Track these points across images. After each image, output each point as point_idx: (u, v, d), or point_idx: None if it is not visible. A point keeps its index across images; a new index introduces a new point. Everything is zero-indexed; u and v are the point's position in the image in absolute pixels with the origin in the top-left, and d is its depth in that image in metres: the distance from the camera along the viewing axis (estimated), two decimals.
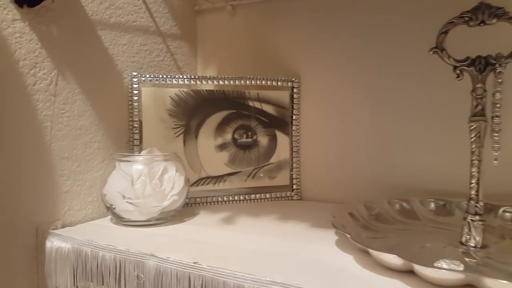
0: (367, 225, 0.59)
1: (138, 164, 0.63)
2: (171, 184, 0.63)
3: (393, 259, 0.44)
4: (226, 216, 0.68)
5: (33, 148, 0.57)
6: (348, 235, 0.49)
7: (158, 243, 0.54)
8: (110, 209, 0.62)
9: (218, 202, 0.77)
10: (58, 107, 0.60)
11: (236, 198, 0.78)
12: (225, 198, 0.77)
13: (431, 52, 0.52)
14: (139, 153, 0.69)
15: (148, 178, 0.62)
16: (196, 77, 0.76)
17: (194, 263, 0.47)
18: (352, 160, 0.77)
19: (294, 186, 0.81)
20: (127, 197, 0.61)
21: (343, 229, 0.51)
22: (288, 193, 0.81)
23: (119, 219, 0.62)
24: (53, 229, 0.59)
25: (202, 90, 0.77)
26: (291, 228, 0.61)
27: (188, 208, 0.74)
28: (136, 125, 0.72)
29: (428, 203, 0.66)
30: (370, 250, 0.46)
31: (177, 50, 0.84)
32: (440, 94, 0.69)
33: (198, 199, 0.76)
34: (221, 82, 0.77)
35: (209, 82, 0.77)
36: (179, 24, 0.84)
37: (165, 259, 0.49)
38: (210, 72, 0.90)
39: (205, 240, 0.55)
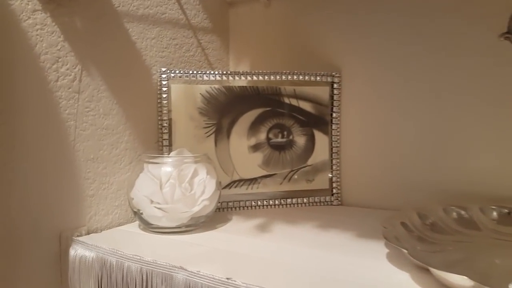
0: (422, 236, 0.52)
1: (167, 166, 0.58)
2: (202, 187, 0.58)
3: (461, 281, 0.37)
4: (261, 223, 0.63)
5: (56, 148, 0.53)
6: (405, 251, 0.42)
7: (188, 253, 0.50)
8: (137, 214, 0.58)
9: (251, 206, 0.72)
10: (82, 105, 0.56)
11: (270, 202, 0.72)
12: (259, 203, 0.72)
13: (501, 38, 0.45)
14: (168, 154, 0.65)
15: (177, 181, 0.57)
16: (228, 72, 0.70)
17: (227, 279, 0.42)
18: (400, 162, 0.70)
19: (334, 190, 0.75)
20: (155, 202, 0.56)
21: (397, 242, 0.45)
22: (327, 198, 0.74)
23: (147, 225, 0.58)
24: (77, 235, 0.55)
25: (235, 86, 0.71)
26: (334, 238, 0.55)
27: (219, 213, 0.69)
28: (165, 124, 0.67)
29: (489, 211, 0.58)
30: (433, 270, 0.39)
31: (208, 45, 0.79)
32: (504, 89, 0.61)
33: (230, 203, 0.71)
34: (254, 78, 0.71)
35: (242, 77, 0.71)
36: (211, 17, 0.79)
37: (195, 273, 0.44)
38: (242, 68, 0.85)
39: (239, 251, 0.50)
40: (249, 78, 0.71)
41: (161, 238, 0.56)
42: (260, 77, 0.72)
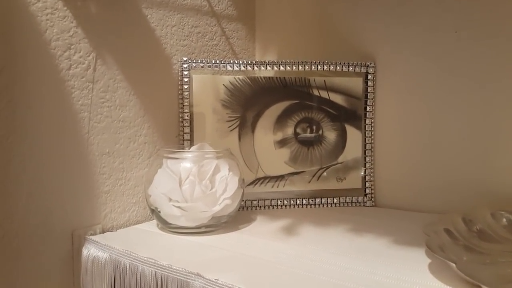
0: (469, 245, 0.46)
1: (186, 162, 0.54)
2: (224, 185, 0.54)
3: None
4: (287, 224, 0.58)
5: (68, 142, 0.50)
6: (453, 265, 0.36)
7: (207, 258, 0.45)
8: (155, 212, 0.54)
9: (277, 206, 0.67)
10: (97, 95, 0.52)
11: (298, 202, 0.67)
12: (285, 202, 0.67)
13: None
14: (189, 149, 0.61)
15: (197, 178, 0.53)
16: (254, 62, 0.66)
17: None
18: (441, 161, 0.63)
19: (367, 190, 0.69)
20: (174, 200, 0.52)
21: (443, 254, 0.39)
22: (360, 198, 0.69)
23: (165, 225, 0.54)
24: (91, 234, 0.52)
25: (260, 77, 0.66)
26: (369, 245, 0.50)
27: (243, 212, 0.65)
28: (186, 117, 0.63)
29: None
30: None
31: (233, 34, 0.75)
32: None
33: (254, 202, 0.66)
34: (281, 68, 0.66)
35: (268, 68, 0.66)
36: (236, 4, 0.75)
37: (213, 281, 0.39)
38: (269, 58, 0.80)
39: (262, 256, 0.45)
40: (275, 68, 0.66)
41: (180, 239, 0.52)
42: (288, 67, 0.66)
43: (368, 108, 0.68)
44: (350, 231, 0.55)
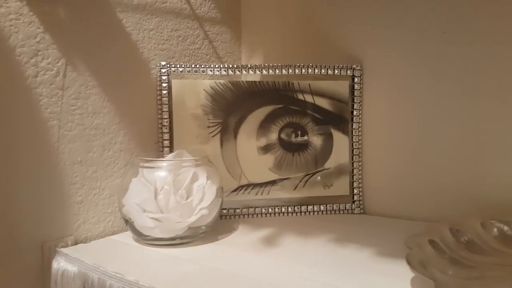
0: (455, 257, 0.43)
1: (161, 171, 0.52)
2: (200, 195, 0.52)
3: None
4: (269, 234, 0.56)
5: (36, 151, 0.48)
6: (433, 282, 0.34)
7: (180, 273, 0.43)
8: (129, 223, 0.52)
9: (261, 214, 0.65)
10: (67, 102, 0.50)
11: (283, 210, 0.65)
12: (270, 210, 0.65)
13: None
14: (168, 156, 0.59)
15: (172, 187, 0.51)
16: (235, 66, 0.64)
17: None
18: (431, 166, 0.61)
19: (355, 197, 0.67)
20: (148, 211, 0.50)
21: (423, 269, 0.37)
22: (348, 206, 0.66)
23: (139, 236, 0.52)
24: (62, 246, 0.50)
25: (242, 81, 0.64)
26: (351, 257, 0.47)
27: (225, 221, 0.62)
28: (165, 123, 0.61)
29: None
30: None
31: (216, 37, 0.73)
32: None
33: (238, 210, 0.64)
34: (264, 72, 0.64)
35: (250, 71, 0.64)
36: (220, 7, 0.73)
37: None
38: (256, 61, 0.77)
39: (236, 270, 0.43)
40: (258, 72, 0.64)
41: (154, 252, 0.50)
42: (271, 71, 0.64)
43: (355, 112, 0.66)
44: (334, 241, 0.53)
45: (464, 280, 0.39)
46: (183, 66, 0.62)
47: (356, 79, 0.66)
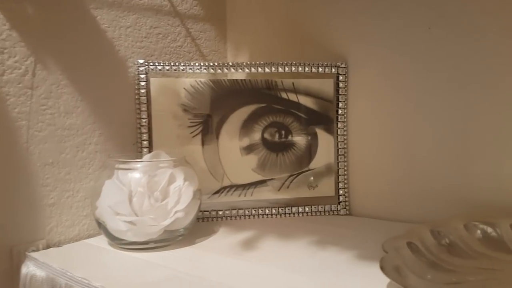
0: (435, 261, 0.42)
1: (136, 172, 0.50)
2: (176, 197, 0.50)
3: None
4: (249, 237, 0.54)
5: (3, 152, 0.46)
6: None
7: (149, 279, 0.42)
8: (101, 226, 0.50)
9: (244, 216, 0.63)
10: (37, 102, 0.49)
11: (267, 211, 0.63)
12: (253, 212, 0.63)
13: None
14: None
15: (147, 189, 0.49)
16: (215, 64, 0.62)
17: None
18: (418, 166, 0.59)
19: (341, 198, 0.65)
20: (121, 214, 0.49)
21: (396, 275, 0.35)
22: (333, 207, 0.65)
23: (112, 240, 0.50)
24: (33, 250, 0.48)
25: (224, 80, 0.63)
26: (331, 260, 0.46)
27: (206, 223, 0.61)
28: (144, 123, 0.60)
29: None
30: None
31: (200, 34, 0.71)
32: None
33: (220, 212, 0.62)
34: (246, 70, 0.63)
35: (232, 69, 0.63)
36: (203, 3, 0.71)
37: None
38: (242, 60, 0.76)
39: (209, 276, 0.42)
40: (240, 70, 0.63)
41: (126, 256, 0.48)
42: (253, 69, 0.63)
43: (340, 111, 0.64)
44: (315, 244, 0.51)
45: (443, 284, 0.38)
46: (161, 64, 0.60)
47: (341, 77, 0.64)
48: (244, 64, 0.62)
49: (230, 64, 0.62)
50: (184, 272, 0.43)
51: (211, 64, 0.62)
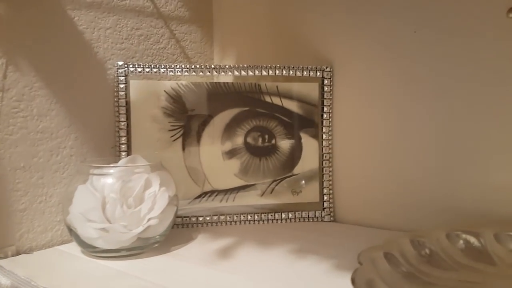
0: (414, 272, 0.40)
1: (109, 178, 0.49)
2: (150, 203, 0.49)
3: None
4: (227, 245, 0.53)
5: None
6: None
7: None
8: (73, 233, 0.49)
9: (226, 222, 0.61)
10: (8, 105, 0.47)
11: (249, 217, 0.62)
12: (235, 218, 0.62)
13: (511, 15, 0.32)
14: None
15: (121, 195, 0.48)
16: (197, 66, 0.61)
17: None
18: (404, 173, 0.58)
19: (325, 204, 0.63)
20: (92, 220, 0.47)
21: None
22: (318, 213, 0.63)
23: (84, 247, 0.49)
24: (0, 258, 0.47)
25: (206, 83, 0.61)
26: (308, 270, 0.44)
27: (185, 229, 0.59)
28: (123, 127, 0.58)
29: (508, 239, 0.45)
30: None
31: (185, 36, 0.70)
32: None
33: (200, 219, 0.61)
34: (229, 73, 0.61)
35: (214, 72, 0.61)
36: (188, 5, 0.70)
37: None
38: (229, 62, 0.74)
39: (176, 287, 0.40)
40: (222, 73, 0.61)
41: (97, 265, 0.46)
42: (236, 72, 0.61)
43: (325, 116, 0.63)
44: (294, 253, 0.50)
45: None
46: (141, 66, 0.59)
47: (326, 81, 0.63)
48: (227, 66, 0.61)
49: (212, 66, 0.61)
50: (153, 282, 0.41)
51: (193, 66, 0.60)
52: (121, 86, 0.58)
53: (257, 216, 0.62)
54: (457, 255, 0.44)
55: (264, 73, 0.61)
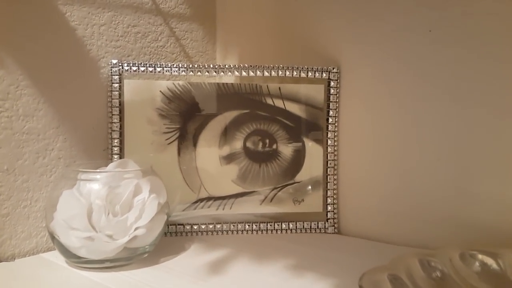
0: None
1: (96, 183, 0.46)
2: (138, 211, 0.46)
3: None
4: (220, 258, 0.49)
5: None
6: None
7: None
8: (55, 241, 0.46)
9: (222, 231, 0.58)
10: None
11: (247, 227, 0.58)
12: (232, 227, 0.58)
13: None
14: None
15: (107, 202, 0.45)
16: (195, 66, 0.57)
17: None
18: (413, 183, 0.53)
19: (329, 215, 0.59)
20: (75, 228, 0.44)
21: None
22: (321, 224, 0.59)
23: (66, 257, 0.46)
24: None
25: (204, 83, 0.58)
26: None
27: (179, 238, 0.56)
28: (115, 128, 0.55)
29: None
30: None
31: (185, 34, 0.67)
32: None
33: (195, 227, 0.57)
34: (229, 74, 0.58)
35: (214, 72, 0.58)
36: (190, 2, 0.67)
37: None
38: (231, 62, 0.71)
39: None
40: (222, 73, 0.58)
41: (79, 276, 0.43)
42: (236, 73, 0.58)
43: (330, 120, 0.59)
44: (292, 269, 0.46)
45: None
46: (136, 64, 0.56)
47: (332, 83, 0.59)
48: (227, 66, 0.58)
49: (211, 66, 0.58)
50: None
51: (190, 65, 0.57)
52: (115, 85, 0.55)
53: (256, 225, 0.58)
54: (472, 278, 0.40)
55: (267, 73, 0.58)
